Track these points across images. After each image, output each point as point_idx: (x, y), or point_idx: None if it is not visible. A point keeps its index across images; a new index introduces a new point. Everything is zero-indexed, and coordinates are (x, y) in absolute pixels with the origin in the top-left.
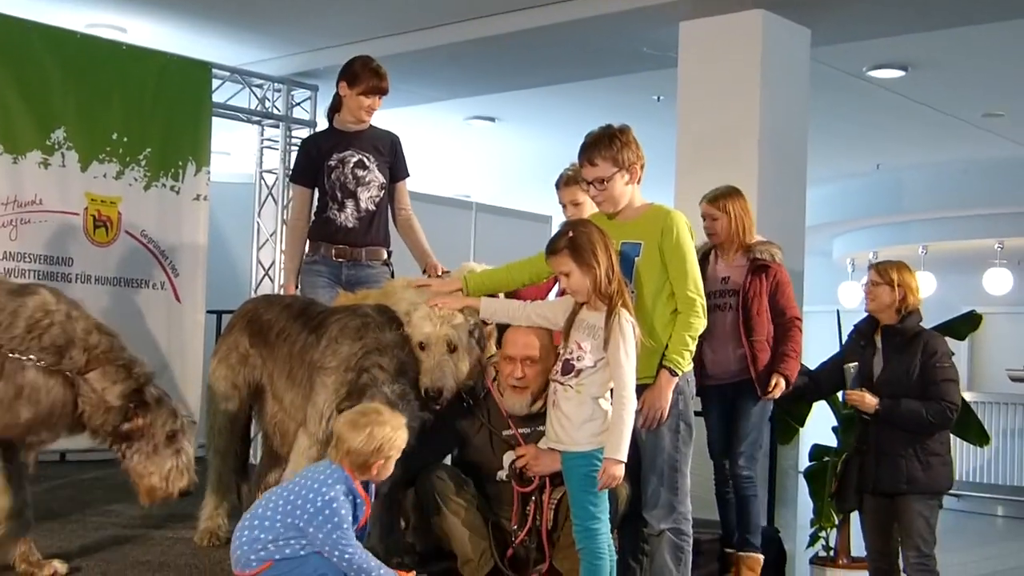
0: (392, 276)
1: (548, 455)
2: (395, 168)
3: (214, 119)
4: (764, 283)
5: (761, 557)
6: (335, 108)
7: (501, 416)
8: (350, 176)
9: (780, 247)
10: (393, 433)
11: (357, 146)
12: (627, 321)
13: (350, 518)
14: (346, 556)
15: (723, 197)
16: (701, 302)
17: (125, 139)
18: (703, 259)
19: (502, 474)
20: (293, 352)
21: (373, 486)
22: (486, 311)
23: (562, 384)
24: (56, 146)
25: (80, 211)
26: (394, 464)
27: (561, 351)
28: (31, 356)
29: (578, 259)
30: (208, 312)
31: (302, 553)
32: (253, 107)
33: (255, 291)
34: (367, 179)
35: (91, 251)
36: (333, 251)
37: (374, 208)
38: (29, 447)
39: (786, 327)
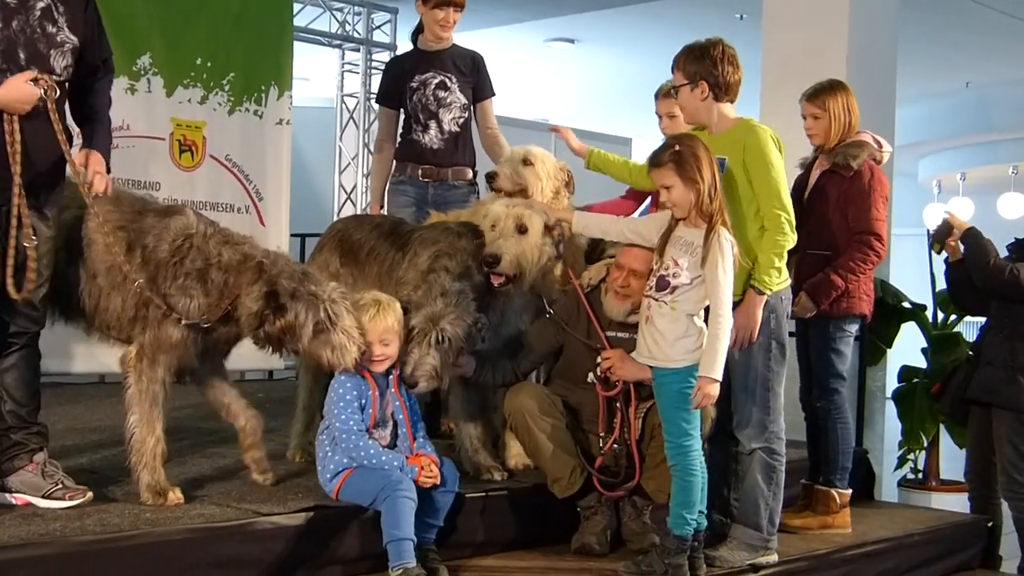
0: (478, 196)
1: (633, 361)
2: (479, 87)
3: (295, 44)
4: (832, 192)
5: (840, 493)
6: (418, 30)
7: (592, 322)
8: (431, 98)
9: (874, 145)
10: (372, 321)
11: (439, 67)
12: (726, 239)
13: (348, 410)
14: (348, 446)
15: (823, 93)
16: (787, 217)
17: (209, 64)
18: (808, 168)
19: (591, 376)
20: (382, 271)
21: (389, 377)
22: (579, 224)
23: (656, 300)
24: (142, 72)
25: (166, 136)
26: (356, 351)
27: (655, 267)
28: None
29: (682, 173)
30: (292, 235)
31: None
32: (334, 31)
33: (337, 214)
34: (448, 100)
35: (177, 175)
36: (420, 171)
37: (458, 129)
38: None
39: (848, 244)
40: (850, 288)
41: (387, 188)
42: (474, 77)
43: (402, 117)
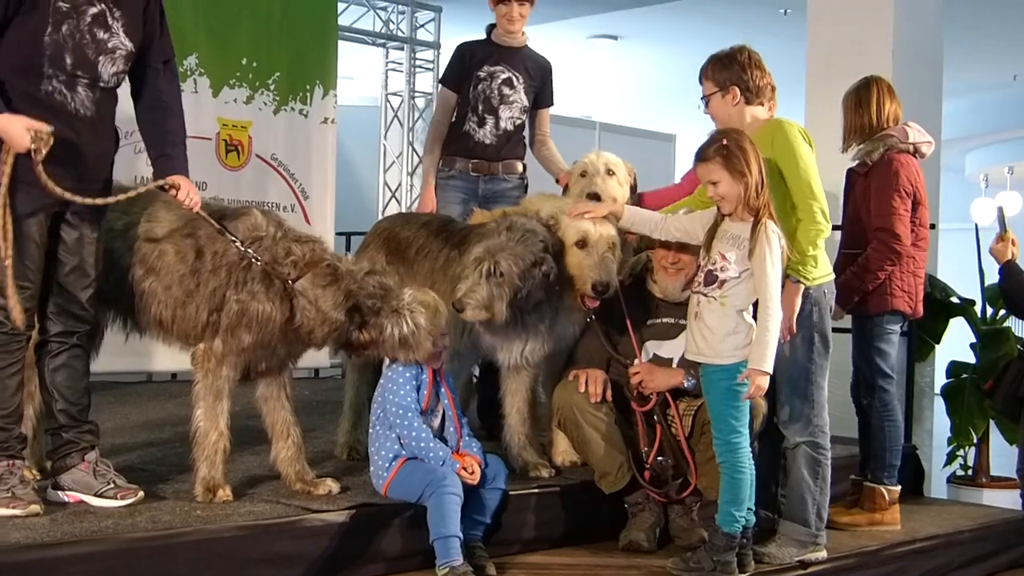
0: (526, 190)
1: (661, 372)
2: (541, 94)
3: (339, 43)
4: (857, 190)
5: (889, 489)
6: (495, 23)
7: (627, 326)
8: (495, 92)
9: (896, 136)
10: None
11: (509, 62)
12: (773, 232)
13: (407, 386)
14: (404, 423)
15: (847, 94)
16: (819, 207)
17: (254, 64)
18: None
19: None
20: (435, 267)
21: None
22: (627, 220)
23: (705, 296)
24: (188, 72)
25: (212, 136)
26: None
27: (702, 262)
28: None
29: (730, 167)
30: (337, 234)
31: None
32: (378, 30)
33: (382, 213)
34: (512, 99)
35: (224, 175)
36: (470, 165)
37: (512, 128)
38: (260, 374)
39: (869, 243)
40: (881, 286)
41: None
42: (539, 83)
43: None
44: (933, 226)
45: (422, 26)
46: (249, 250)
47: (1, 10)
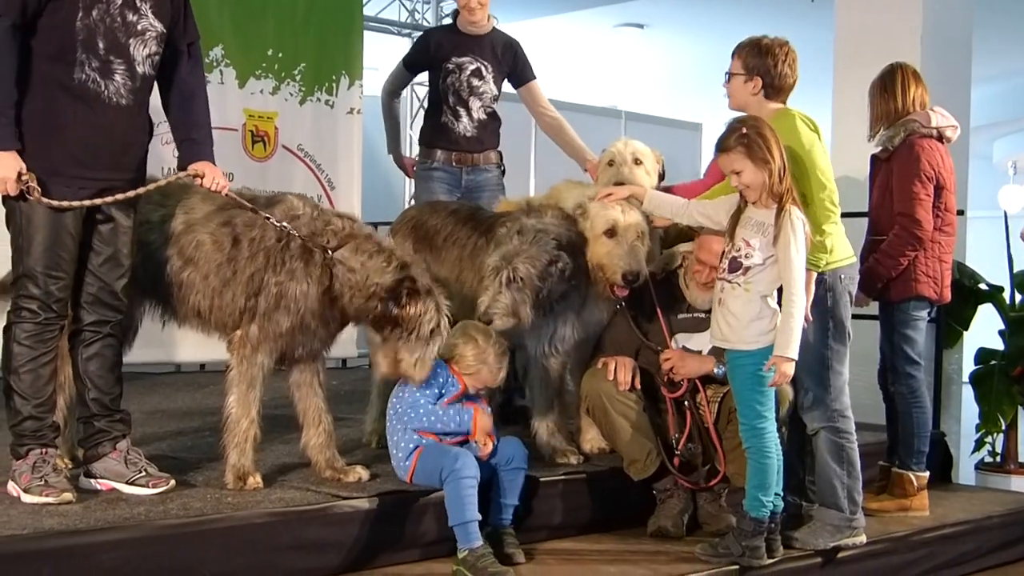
0: (503, 175)
1: (693, 358)
2: (519, 73)
3: (364, 33)
4: (880, 176)
5: (917, 476)
6: (458, 10)
7: (657, 315)
8: (465, 84)
9: (917, 121)
10: (480, 369)
11: (477, 52)
12: (798, 218)
13: (425, 389)
14: (418, 411)
15: (873, 82)
16: (827, 194)
17: (280, 55)
18: None
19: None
20: (463, 255)
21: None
22: (650, 203)
23: (729, 282)
24: (214, 63)
25: (239, 127)
26: (478, 379)
27: (726, 249)
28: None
29: (752, 155)
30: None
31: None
32: (403, 20)
33: (408, 202)
34: (481, 90)
35: (251, 166)
36: (453, 157)
37: (486, 117)
38: (295, 361)
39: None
40: (905, 272)
41: (414, 172)
42: (510, 64)
43: (417, 92)
44: (961, 212)
45: (447, 16)
46: (286, 224)
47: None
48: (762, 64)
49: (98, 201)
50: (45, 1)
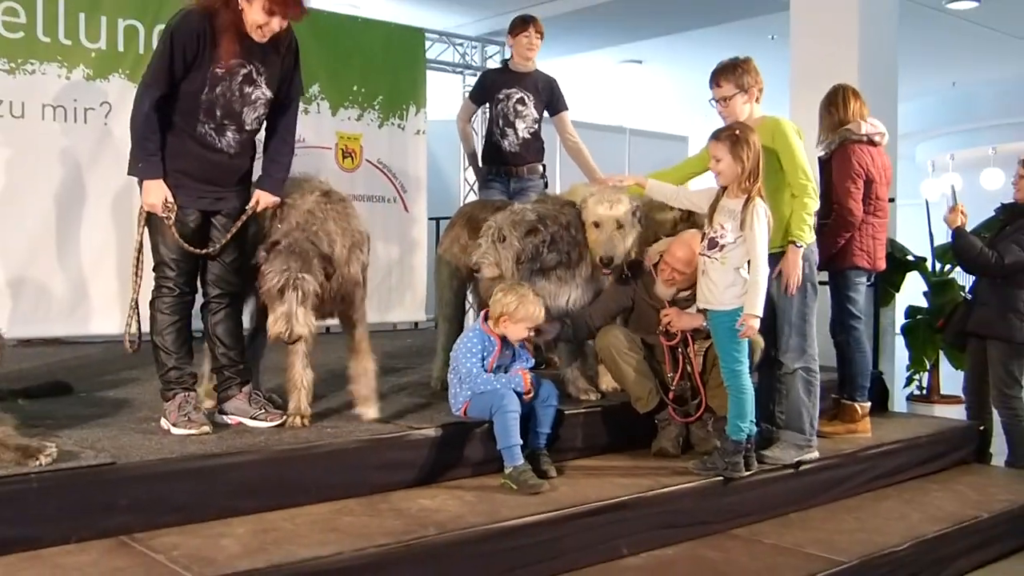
0: (546, 186)
1: (686, 315)
2: (554, 104)
3: (427, 72)
4: (824, 175)
5: (862, 406)
6: (510, 57)
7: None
8: (511, 109)
9: (850, 129)
10: (520, 306)
11: (522, 85)
12: (761, 207)
13: (473, 359)
14: (472, 382)
15: (822, 101)
16: (812, 186)
17: (363, 90)
18: None
19: (659, 328)
20: None
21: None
22: (650, 189)
23: (709, 257)
24: (312, 98)
25: (332, 145)
26: (524, 330)
27: (706, 231)
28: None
29: (733, 151)
30: (429, 219)
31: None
32: (456, 61)
33: (463, 200)
34: (524, 113)
35: (341, 176)
36: (503, 170)
37: (529, 136)
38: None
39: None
40: (844, 247)
41: (480, 181)
42: (548, 96)
43: (488, 119)
44: (892, 200)
45: (490, 57)
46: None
47: (178, 74)
48: (751, 78)
49: (212, 252)
50: (181, 77)
